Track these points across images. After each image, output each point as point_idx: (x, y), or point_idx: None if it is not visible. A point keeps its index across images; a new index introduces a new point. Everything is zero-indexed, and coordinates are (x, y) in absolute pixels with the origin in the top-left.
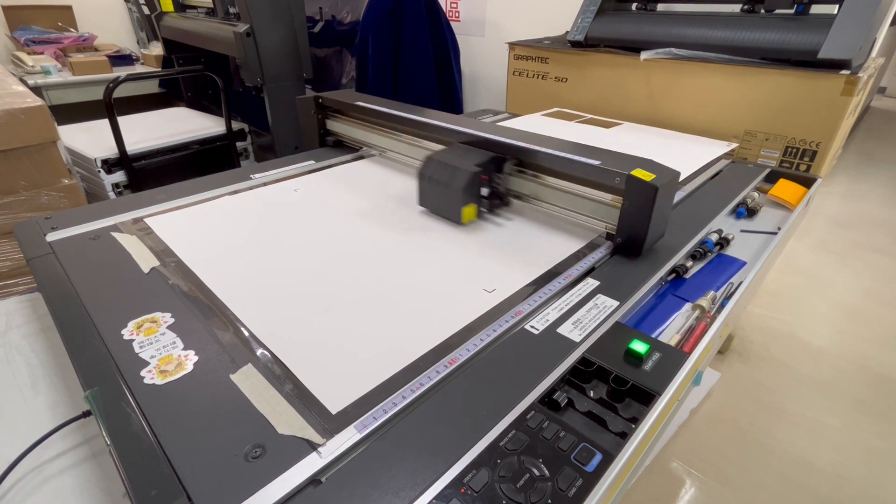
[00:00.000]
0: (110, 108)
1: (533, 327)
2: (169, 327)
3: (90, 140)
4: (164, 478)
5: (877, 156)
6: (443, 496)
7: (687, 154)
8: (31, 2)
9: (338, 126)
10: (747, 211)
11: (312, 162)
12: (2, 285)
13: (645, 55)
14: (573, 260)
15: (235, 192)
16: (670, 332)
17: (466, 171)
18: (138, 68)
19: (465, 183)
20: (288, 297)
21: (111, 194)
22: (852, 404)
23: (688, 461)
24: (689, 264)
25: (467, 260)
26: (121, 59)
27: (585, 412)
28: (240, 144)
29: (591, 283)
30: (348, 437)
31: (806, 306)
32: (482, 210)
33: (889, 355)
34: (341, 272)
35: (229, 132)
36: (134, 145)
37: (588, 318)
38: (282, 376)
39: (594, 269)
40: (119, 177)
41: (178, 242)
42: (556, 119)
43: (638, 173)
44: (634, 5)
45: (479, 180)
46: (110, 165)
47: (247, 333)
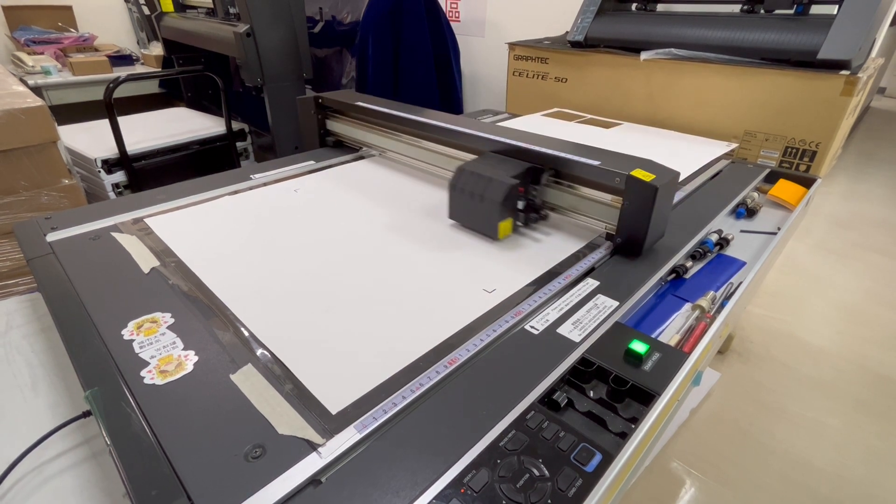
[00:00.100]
0: (110, 108)
1: (533, 327)
2: (169, 327)
3: (90, 140)
4: (164, 478)
5: (877, 156)
6: (443, 496)
7: (687, 154)
8: (31, 2)
9: (338, 126)
10: (747, 211)
11: (312, 162)
12: (2, 285)
13: (645, 55)
14: (573, 260)
15: (235, 193)
16: (670, 332)
17: (504, 184)
18: (138, 68)
19: (502, 196)
20: (288, 297)
21: (111, 194)
22: (852, 404)
23: (688, 461)
24: (689, 264)
25: (467, 260)
26: (121, 59)
27: (585, 412)
28: (240, 144)
29: (590, 284)
30: (348, 437)
31: (806, 306)
32: (518, 224)
33: (889, 355)
34: (341, 272)
35: (229, 132)
36: (134, 145)
37: (588, 319)
38: (282, 376)
39: (594, 269)
40: (119, 177)
41: (178, 242)
42: (556, 119)
43: (638, 173)
44: (634, 5)
45: (517, 193)
46: (110, 165)
47: (247, 333)
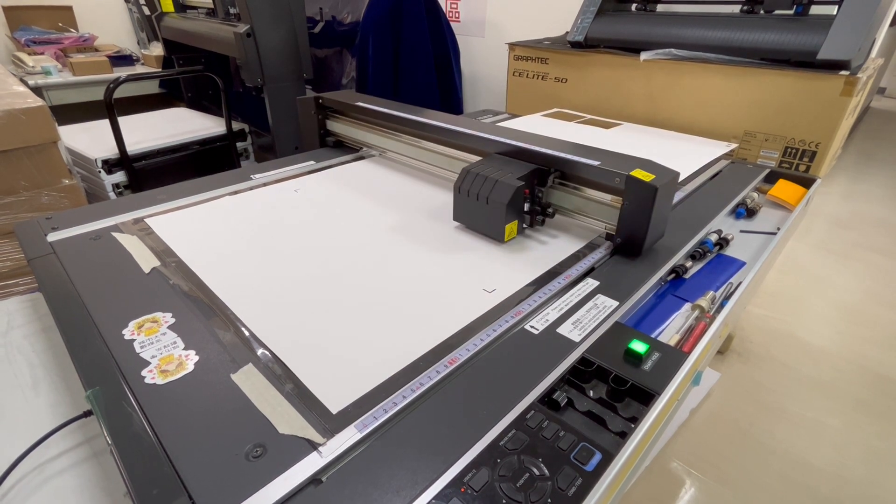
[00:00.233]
0: (111, 108)
1: (533, 327)
2: (170, 327)
3: (90, 140)
4: (165, 477)
5: (876, 156)
6: (443, 495)
7: (686, 154)
8: (31, 2)
9: (338, 126)
10: (747, 211)
11: (313, 162)
12: (3, 285)
13: (645, 56)
14: (573, 260)
15: (236, 193)
16: (670, 332)
17: (510, 186)
18: (139, 69)
19: (508, 198)
20: (288, 297)
21: (111, 194)
22: (852, 404)
23: (688, 461)
24: (689, 264)
25: (468, 260)
26: (121, 59)
27: (585, 412)
28: (240, 145)
29: (590, 284)
30: (349, 436)
31: (806, 306)
32: (523, 226)
33: (889, 355)
34: (341, 272)
35: (229, 132)
36: (134, 145)
37: (588, 318)
38: (282, 376)
39: (594, 269)
40: (119, 177)
41: (178, 242)
42: (555, 119)
43: (637, 174)
44: (634, 6)
45: (523, 195)
46: (111, 166)
47: (247, 333)
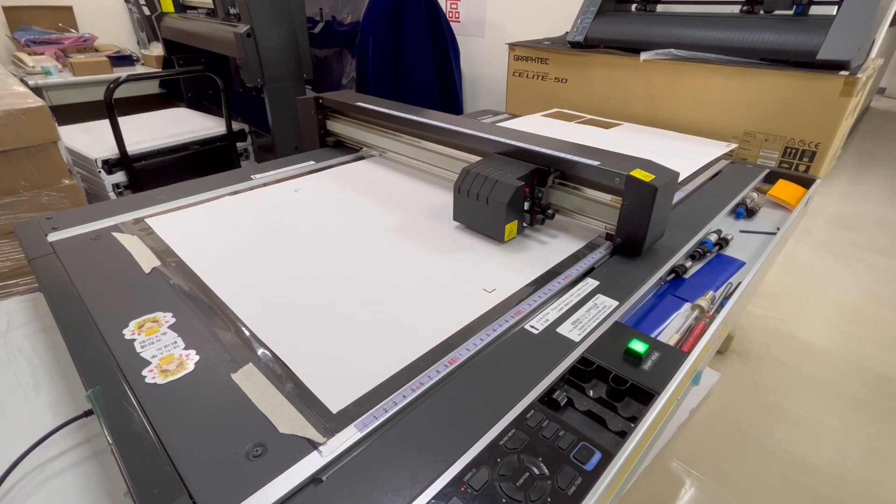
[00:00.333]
0: (111, 108)
1: (533, 327)
2: (170, 327)
3: (91, 140)
4: (165, 476)
5: (876, 156)
6: (443, 494)
7: (686, 154)
8: (31, 2)
9: (338, 126)
10: (746, 211)
11: (313, 162)
12: (3, 285)
13: (644, 56)
14: (573, 260)
15: (236, 193)
16: (669, 331)
17: (510, 186)
18: (139, 69)
19: (508, 198)
20: (289, 297)
21: (111, 195)
22: (852, 404)
23: (688, 461)
24: (689, 264)
25: (467, 260)
26: (121, 59)
27: (585, 411)
28: (240, 145)
29: (590, 283)
30: (349, 435)
31: (806, 306)
32: (523, 226)
33: (889, 355)
34: (341, 272)
35: (230, 133)
36: (134, 146)
37: (588, 318)
38: (282, 375)
39: (594, 269)
40: (119, 177)
41: (178, 242)
42: (555, 120)
43: (637, 174)
44: (634, 6)
45: (523, 194)
46: (111, 166)
47: (247, 333)
